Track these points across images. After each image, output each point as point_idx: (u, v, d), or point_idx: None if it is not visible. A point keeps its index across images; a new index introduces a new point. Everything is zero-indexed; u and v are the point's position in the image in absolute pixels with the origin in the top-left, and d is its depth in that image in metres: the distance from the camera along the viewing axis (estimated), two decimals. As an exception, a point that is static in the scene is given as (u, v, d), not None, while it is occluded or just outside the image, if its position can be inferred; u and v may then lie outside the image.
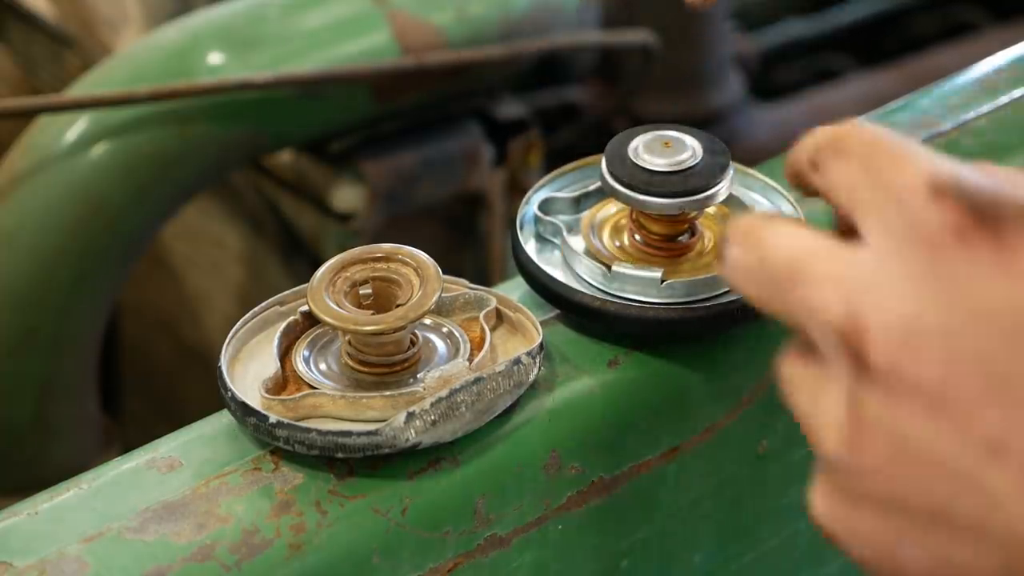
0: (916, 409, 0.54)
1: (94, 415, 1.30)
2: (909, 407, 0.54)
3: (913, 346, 0.54)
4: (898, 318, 0.55)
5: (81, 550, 0.63)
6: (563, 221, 0.78)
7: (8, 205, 1.19)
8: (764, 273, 0.59)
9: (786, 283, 0.58)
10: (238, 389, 0.68)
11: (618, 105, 1.45)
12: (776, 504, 0.83)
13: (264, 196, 1.38)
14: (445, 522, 0.68)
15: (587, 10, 1.34)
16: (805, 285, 0.58)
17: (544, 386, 0.72)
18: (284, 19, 1.22)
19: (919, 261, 0.55)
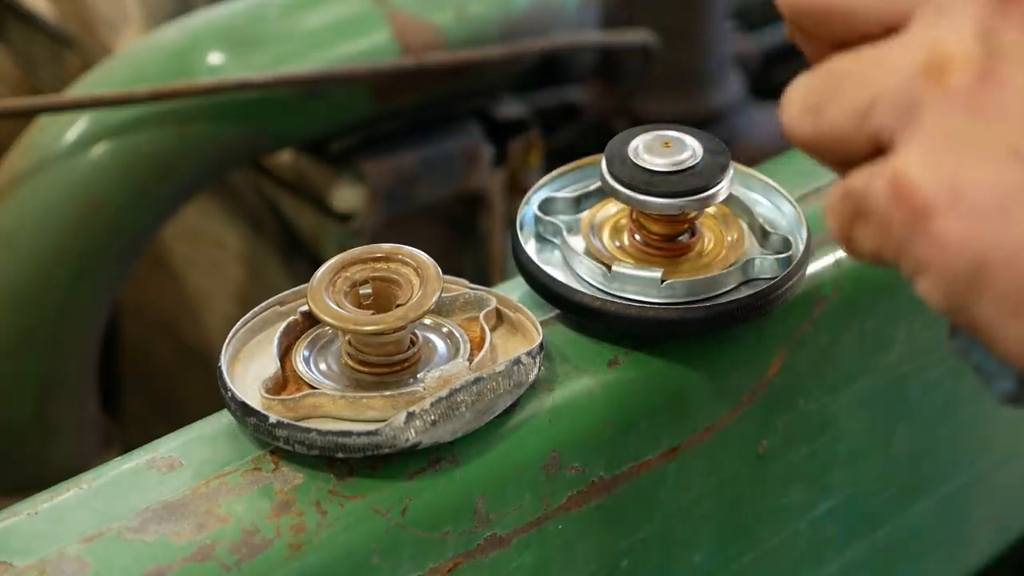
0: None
1: (94, 415, 1.30)
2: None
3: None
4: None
5: (81, 550, 0.63)
6: (563, 221, 0.78)
7: (8, 205, 1.19)
8: (827, 73, 0.54)
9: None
10: (238, 389, 0.68)
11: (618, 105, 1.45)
12: (776, 504, 0.83)
13: (264, 196, 1.38)
14: (445, 522, 0.68)
15: (587, 10, 1.34)
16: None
17: (544, 386, 0.72)
18: (284, 19, 1.22)
19: None
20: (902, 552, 0.93)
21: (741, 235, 0.78)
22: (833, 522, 0.87)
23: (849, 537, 0.89)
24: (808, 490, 0.84)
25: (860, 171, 0.52)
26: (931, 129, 0.50)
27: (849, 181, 0.52)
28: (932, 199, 0.50)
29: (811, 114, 0.54)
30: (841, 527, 0.88)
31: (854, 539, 0.89)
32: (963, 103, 0.50)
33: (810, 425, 0.82)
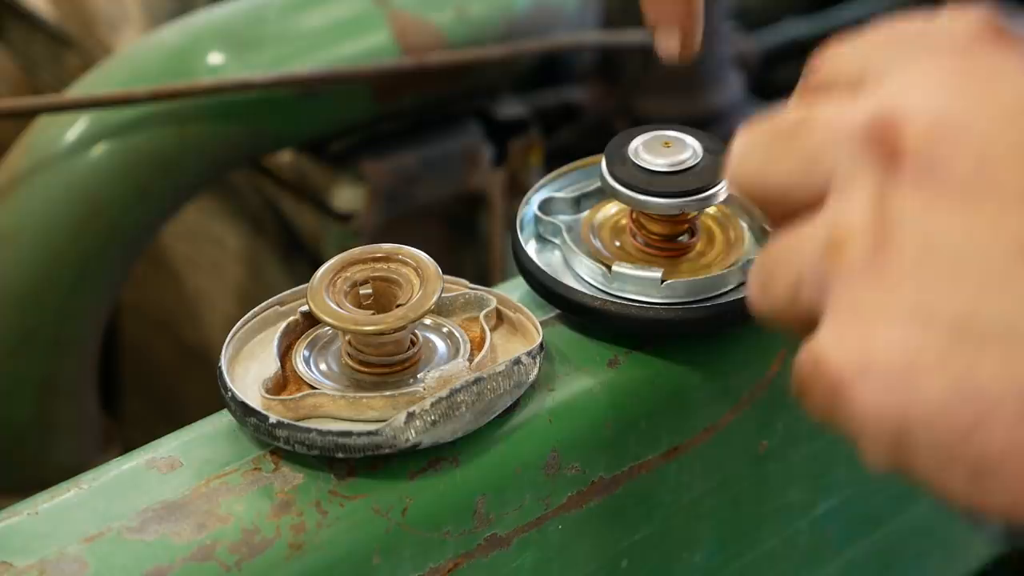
0: (950, 204, 0.51)
1: (94, 415, 1.30)
2: (943, 202, 0.51)
3: (948, 137, 0.51)
4: (932, 110, 0.52)
5: (81, 550, 0.63)
6: (563, 221, 0.78)
7: (8, 205, 1.19)
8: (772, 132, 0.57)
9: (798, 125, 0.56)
10: (238, 389, 0.68)
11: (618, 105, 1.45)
12: (776, 504, 0.83)
13: (264, 196, 1.38)
14: (445, 522, 0.68)
15: (587, 10, 1.34)
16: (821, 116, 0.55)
17: (544, 386, 0.72)
18: (284, 19, 1.22)
19: (950, 62, 0.53)
20: (902, 552, 0.93)
21: (741, 235, 0.78)
22: (833, 522, 0.87)
23: (849, 537, 0.89)
24: (808, 490, 0.84)
25: (803, 349, 0.55)
26: (838, 303, 0.53)
27: (797, 359, 0.56)
28: (844, 372, 0.52)
29: (763, 292, 0.57)
30: (841, 527, 0.88)
31: (854, 539, 0.89)
32: (862, 275, 0.52)
33: (810, 425, 0.82)
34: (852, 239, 0.53)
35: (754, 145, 0.58)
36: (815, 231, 0.54)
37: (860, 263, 0.52)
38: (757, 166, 0.57)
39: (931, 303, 0.51)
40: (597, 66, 1.48)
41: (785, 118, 0.57)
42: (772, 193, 0.57)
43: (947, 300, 0.51)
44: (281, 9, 1.22)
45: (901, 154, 0.52)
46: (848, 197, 0.53)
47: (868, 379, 0.52)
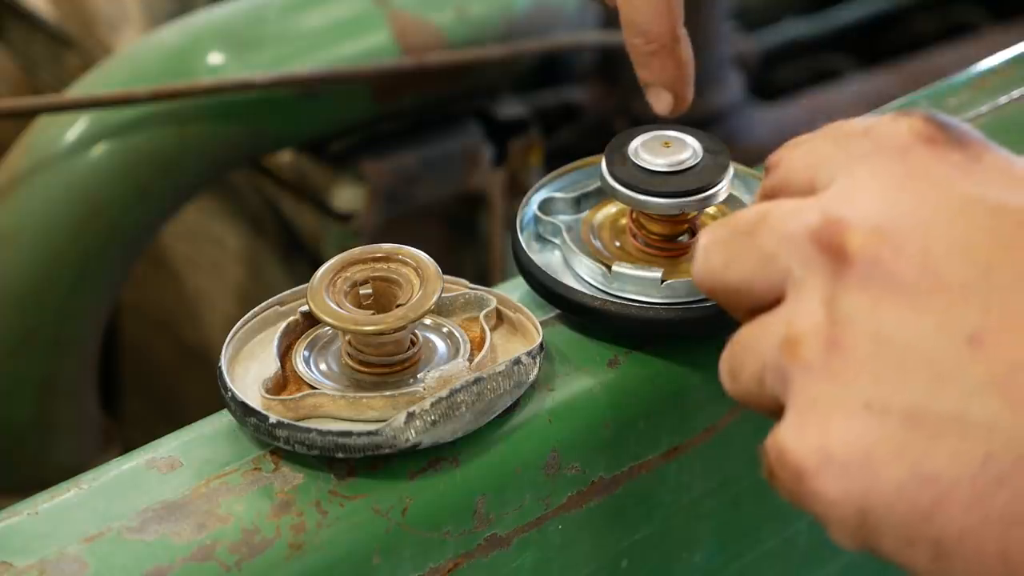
0: (896, 301, 0.54)
1: (94, 415, 1.30)
2: (889, 300, 0.54)
3: (893, 238, 0.54)
4: (876, 213, 0.55)
5: (81, 550, 0.63)
6: (563, 221, 0.78)
7: (8, 205, 1.19)
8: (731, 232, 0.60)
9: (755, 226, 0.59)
10: (238, 389, 0.68)
11: (618, 105, 1.45)
12: (776, 504, 0.83)
13: (264, 196, 1.38)
14: (445, 522, 0.68)
15: (587, 10, 1.34)
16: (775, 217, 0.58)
17: (544, 386, 0.72)
18: (284, 19, 1.22)
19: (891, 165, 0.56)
20: None
21: (741, 235, 0.78)
22: (833, 522, 0.87)
23: (849, 537, 0.89)
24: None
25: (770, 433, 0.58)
26: (797, 397, 0.56)
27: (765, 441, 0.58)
28: (805, 464, 0.55)
29: (731, 378, 0.61)
30: (841, 527, 0.88)
31: (854, 539, 0.89)
32: (817, 370, 0.55)
33: (810, 425, 0.82)
34: (806, 338, 0.56)
35: (716, 244, 0.61)
36: (774, 326, 0.57)
37: (815, 360, 0.55)
38: (719, 265, 0.60)
39: (884, 396, 0.54)
40: (597, 66, 1.48)
41: (744, 217, 0.60)
42: (733, 289, 0.60)
43: (899, 393, 0.54)
44: (281, 9, 1.22)
45: (848, 257, 0.55)
46: (800, 297, 0.56)
47: (828, 469, 0.55)
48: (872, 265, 0.55)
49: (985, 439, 0.52)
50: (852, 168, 0.58)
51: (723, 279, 0.60)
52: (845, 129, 0.60)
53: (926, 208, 0.55)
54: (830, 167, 0.59)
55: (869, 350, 0.54)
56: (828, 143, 0.60)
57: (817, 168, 0.59)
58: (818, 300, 0.55)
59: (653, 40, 0.77)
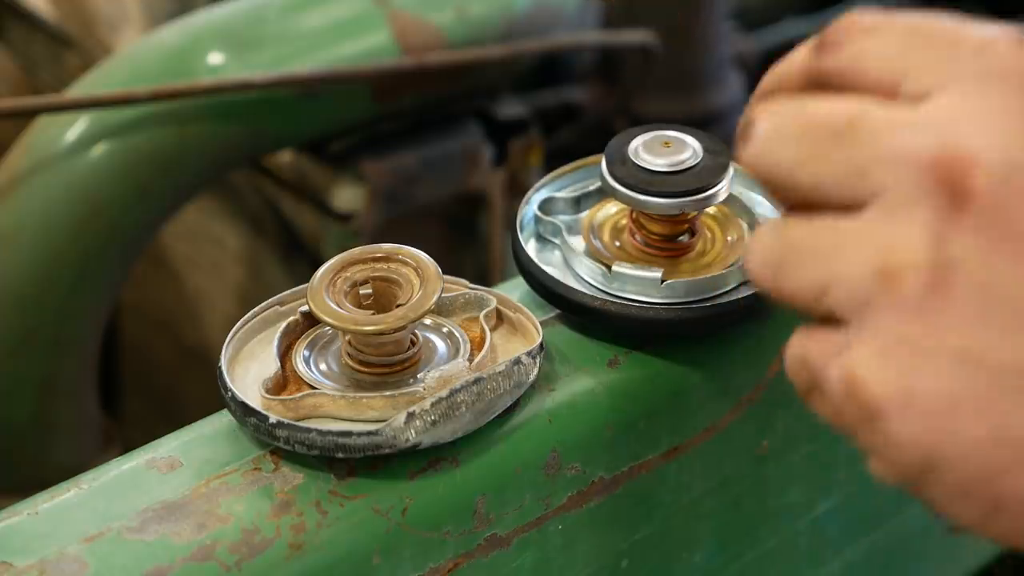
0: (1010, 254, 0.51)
1: (94, 415, 1.30)
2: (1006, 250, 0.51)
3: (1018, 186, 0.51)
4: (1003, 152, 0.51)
5: (81, 550, 0.63)
6: (563, 221, 0.78)
7: (8, 205, 1.19)
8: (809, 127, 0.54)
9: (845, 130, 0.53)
10: (238, 389, 0.68)
11: (618, 105, 1.45)
12: (776, 504, 0.83)
13: (264, 196, 1.38)
14: (445, 522, 0.68)
15: (587, 10, 1.34)
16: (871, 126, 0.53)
17: (544, 386, 0.72)
18: (284, 19, 1.22)
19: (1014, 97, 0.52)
20: (902, 552, 0.93)
21: (741, 235, 0.78)
22: (833, 522, 0.87)
23: (849, 537, 0.89)
24: (808, 490, 0.84)
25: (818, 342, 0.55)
26: (883, 332, 0.52)
27: (808, 351, 0.55)
28: (884, 402, 0.52)
29: (772, 271, 0.56)
30: (841, 527, 0.88)
31: (854, 539, 0.89)
32: (913, 310, 0.52)
33: (810, 425, 0.82)
34: (909, 273, 0.52)
35: (788, 135, 0.55)
36: (861, 245, 0.53)
37: (914, 298, 0.52)
38: (790, 161, 0.55)
39: (981, 349, 0.51)
40: (597, 66, 1.48)
41: (825, 112, 0.55)
42: (801, 188, 0.55)
43: (997, 348, 0.51)
44: (281, 9, 1.22)
45: (969, 196, 0.51)
46: (905, 226, 0.52)
47: (908, 413, 0.52)
48: (994, 211, 0.51)
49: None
50: (966, 87, 0.53)
51: (787, 173, 0.55)
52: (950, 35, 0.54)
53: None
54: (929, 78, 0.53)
55: (974, 299, 0.51)
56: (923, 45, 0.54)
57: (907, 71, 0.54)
58: (927, 236, 0.52)
59: None
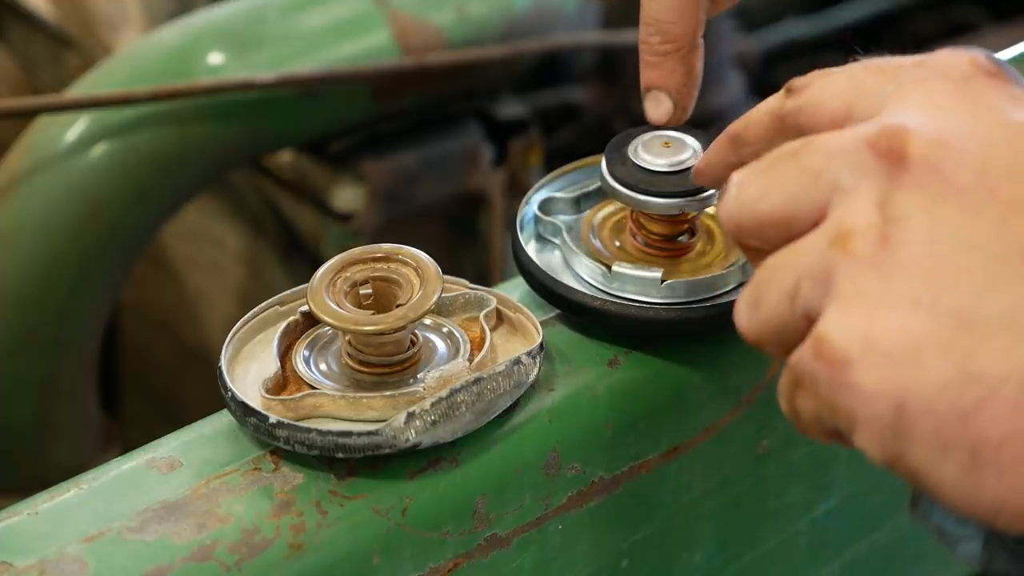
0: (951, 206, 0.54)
1: (94, 415, 1.30)
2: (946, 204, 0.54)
3: (951, 149, 0.54)
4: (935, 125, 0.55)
5: (81, 550, 0.63)
6: (563, 221, 0.78)
7: (8, 205, 1.19)
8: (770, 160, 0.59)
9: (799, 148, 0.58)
10: (238, 389, 0.68)
11: (618, 105, 1.45)
12: (776, 504, 0.83)
13: (264, 196, 1.38)
14: (445, 522, 0.68)
15: (587, 10, 1.34)
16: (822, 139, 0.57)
17: (544, 386, 0.72)
18: (284, 19, 1.22)
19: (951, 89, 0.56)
20: (902, 552, 0.93)
21: (741, 235, 0.78)
22: (833, 522, 0.87)
23: (849, 537, 0.89)
24: (808, 490, 0.84)
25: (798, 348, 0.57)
26: (843, 291, 0.55)
27: (790, 359, 0.57)
28: (847, 352, 0.54)
29: (753, 308, 0.59)
30: (841, 527, 0.88)
31: (854, 539, 0.89)
32: (867, 264, 0.54)
33: (810, 425, 0.82)
34: (858, 233, 0.55)
35: (752, 174, 0.60)
36: (817, 237, 0.56)
37: (866, 254, 0.54)
38: (754, 194, 0.59)
39: (935, 294, 0.53)
40: (597, 66, 1.48)
41: (785, 146, 0.59)
42: (768, 219, 0.59)
43: (950, 293, 0.53)
44: (281, 9, 1.22)
45: (906, 158, 0.55)
46: (851, 200, 0.55)
47: (870, 358, 0.53)
48: (931, 169, 0.54)
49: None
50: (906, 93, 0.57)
51: (758, 208, 0.59)
52: (893, 62, 0.59)
53: (984, 128, 0.55)
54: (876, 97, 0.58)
55: (923, 249, 0.54)
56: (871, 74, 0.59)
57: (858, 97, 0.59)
58: (872, 201, 0.55)
59: (671, 40, 0.75)
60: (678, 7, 0.75)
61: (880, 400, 0.53)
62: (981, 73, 0.57)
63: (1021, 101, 0.57)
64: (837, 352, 0.54)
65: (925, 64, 0.58)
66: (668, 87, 0.76)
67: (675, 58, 0.75)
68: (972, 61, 0.58)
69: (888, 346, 0.53)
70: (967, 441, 0.52)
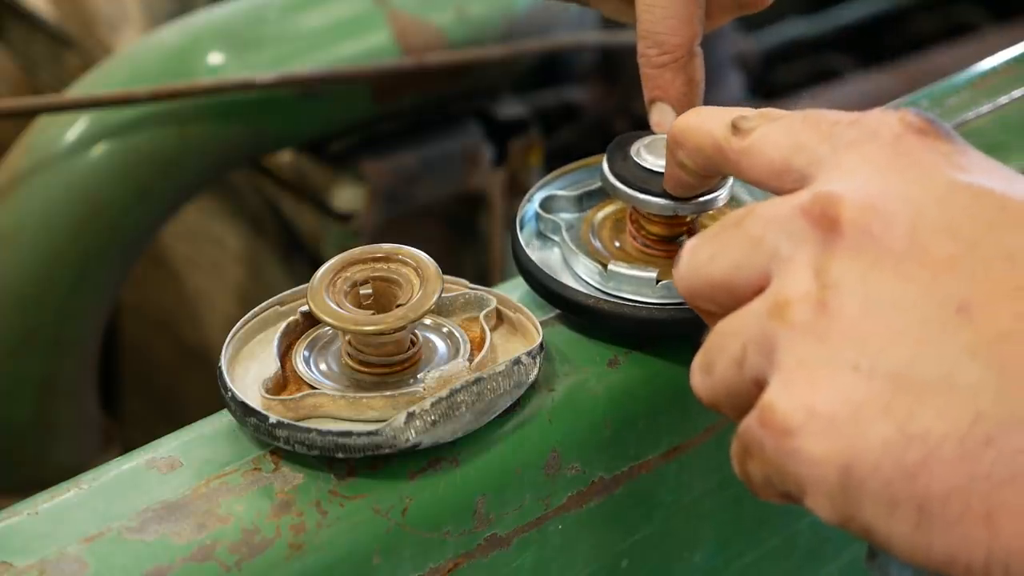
0: (886, 269, 0.56)
1: (94, 415, 1.30)
2: (879, 268, 0.56)
3: (883, 213, 0.56)
4: (867, 189, 0.57)
5: (81, 550, 0.63)
6: (564, 220, 0.78)
7: (8, 205, 1.19)
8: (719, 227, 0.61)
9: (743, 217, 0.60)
10: (238, 389, 0.68)
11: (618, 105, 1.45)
12: (776, 504, 0.83)
13: (264, 196, 1.38)
14: (445, 522, 0.68)
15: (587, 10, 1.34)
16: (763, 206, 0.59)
17: (544, 386, 0.72)
18: (284, 19, 1.22)
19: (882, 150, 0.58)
20: None
21: (741, 235, 0.78)
22: (833, 522, 0.87)
23: (849, 537, 0.89)
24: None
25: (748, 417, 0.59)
26: (784, 360, 0.57)
27: (739, 427, 0.59)
28: (790, 420, 0.56)
29: (705, 372, 0.61)
30: (841, 527, 0.88)
31: (854, 539, 0.89)
32: (806, 332, 0.56)
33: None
34: (795, 302, 0.57)
35: (702, 240, 0.62)
36: (759, 304, 0.58)
37: (804, 322, 0.56)
38: (704, 258, 0.61)
39: (872, 358, 0.55)
40: (597, 66, 1.48)
41: (732, 213, 0.62)
42: (717, 282, 0.61)
43: (887, 356, 0.55)
44: (281, 9, 1.22)
45: (839, 225, 0.57)
46: (789, 270, 0.58)
47: (814, 425, 0.55)
48: (863, 235, 0.56)
49: (973, 400, 0.53)
50: (839, 155, 0.59)
51: (707, 272, 0.61)
52: (830, 119, 0.61)
53: (915, 188, 0.57)
54: (811, 155, 0.60)
55: (858, 313, 0.55)
56: (808, 129, 0.61)
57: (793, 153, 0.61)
58: (808, 269, 0.57)
59: (668, 52, 0.76)
60: (674, 19, 0.76)
61: (826, 465, 0.55)
62: (911, 132, 0.59)
63: (950, 157, 0.58)
64: (781, 421, 0.56)
65: (858, 123, 0.60)
66: (669, 97, 0.77)
67: (673, 69, 0.77)
68: (902, 120, 0.59)
69: (830, 412, 0.55)
70: (914, 498, 0.54)
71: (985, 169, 0.58)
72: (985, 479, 0.53)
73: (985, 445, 0.53)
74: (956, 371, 0.54)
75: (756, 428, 0.57)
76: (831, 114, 0.62)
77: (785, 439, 0.56)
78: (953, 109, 0.91)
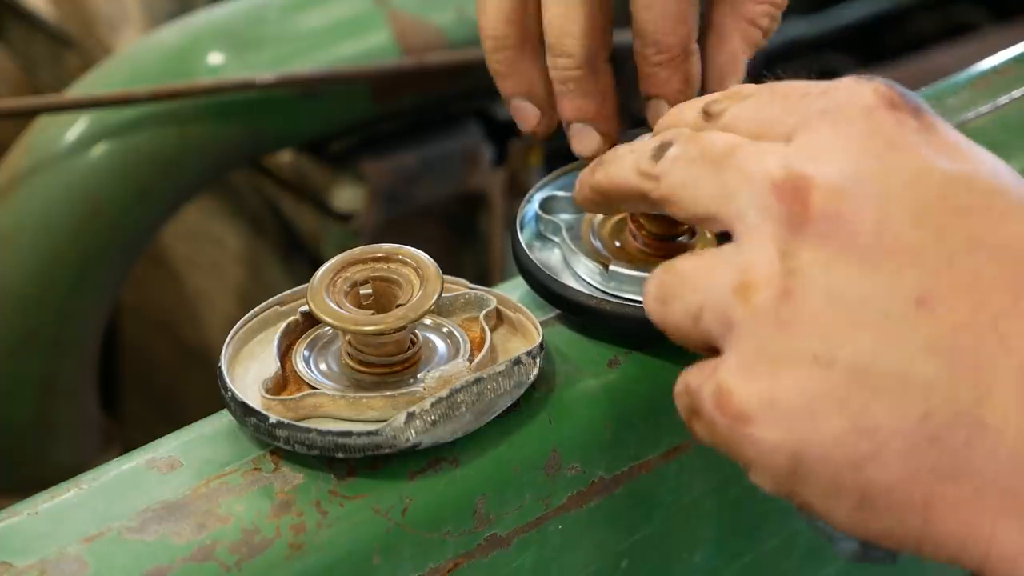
0: (851, 260, 0.56)
1: (94, 415, 1.30)
2: (845, 258, 0.56)
3: (853, 199, 0.57)
4: (839, 173, 0.57)
5: (81, 550, 0.63)
6: (564, 220, 0.78)
7: (8, 205, 1.19)
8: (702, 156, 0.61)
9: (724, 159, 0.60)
10: (238, 389, 0.68)
11: (618, 105, 1.45)
12: (776, 504, 0.83)
13: (264, 196, 1.38)
14: (445, 522, 0.68)
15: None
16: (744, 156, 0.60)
17: (544, 386, 0.72)
18: (284, 19, 1.22)
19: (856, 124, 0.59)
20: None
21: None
22: (833, 522, 0.87)
23: (849, 537, 0.89)
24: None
25: (697, 370, 0.60)
26: (744, 343, 0.58)
27: (688, 377, 0.61)
28: (748, 408, 0.57)
29: (660, 304, 0.62)
30: (841, 527, 0.88)
31: (854, 539, 0.89)
32: (768, 319, 0.57)
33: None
34: (760, 287, 0.57)
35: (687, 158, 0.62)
36: (723, 267, 0.59)
37: (767, 309, 0.57)
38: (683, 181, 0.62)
39: (832, 350, 0.56)
40: (597, 66, 1.47)
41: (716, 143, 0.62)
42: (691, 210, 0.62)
43: (846, 348, 0.56)
44: (281, 9, 1.22)
45: (809, 212, 0.57)
46: (755, 244, 0.58)
47: (770, 415, 0.56)
48: (831, 223, 0.56)
49: (924, 398, 0.55)
50: (814, 125, 0.59)
51: (684, 197, 0.62)
52: (799, 89, 0.62)
53: (886, 172, 0.57)
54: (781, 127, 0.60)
55: (821, 304, 0.56)
56: (778, 102, 0.62)
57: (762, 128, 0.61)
58: (774, 250, 0.57)
59: (664, 51, 0.77)
60: (670, 18, 0.76)
61: (777, 453, 0.57)
62: (884, 104, 0.59)
63: (922, 134, 0.59)
64: (737, 407, 0.57)
65: (829, 93, 0.60)
66: (667, 95, 0.78)
67: (670, 67, 0.77)
68: (875, 91, 0.60)
69: (787, 404, 0.56)
70: (858, 487, 0.56)
71: (952, 148, 0.59)
72: (928, 472, 0.55)
73: (930, 442, 0.55)
74: (911, 368, 0.55)
75: (711, 408, 0.58)
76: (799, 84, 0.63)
77: (739, 424, 0.57)
78: (953, 109, 0.91)
